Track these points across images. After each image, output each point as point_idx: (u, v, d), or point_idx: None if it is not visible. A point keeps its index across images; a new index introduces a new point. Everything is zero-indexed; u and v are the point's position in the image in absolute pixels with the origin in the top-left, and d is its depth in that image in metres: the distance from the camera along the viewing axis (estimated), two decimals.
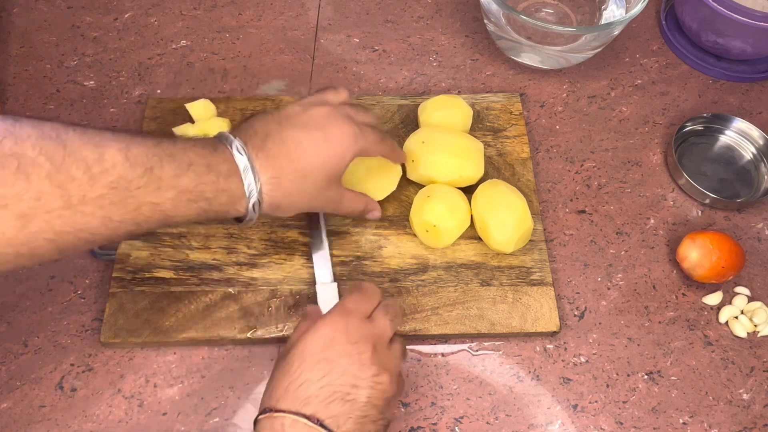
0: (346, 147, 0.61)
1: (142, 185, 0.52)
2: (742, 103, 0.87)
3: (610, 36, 0.82)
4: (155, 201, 0.53)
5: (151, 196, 0.53)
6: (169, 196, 0.53)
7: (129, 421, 0.63)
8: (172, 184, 0.53)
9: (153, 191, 0.53)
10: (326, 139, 0.60)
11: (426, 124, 0.77)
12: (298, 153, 0.59)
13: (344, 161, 0.61)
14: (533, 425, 0.64)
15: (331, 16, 0.92)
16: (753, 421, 0.65)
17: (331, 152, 0.60)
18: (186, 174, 0.54)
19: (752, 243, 0.76)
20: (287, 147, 0.59)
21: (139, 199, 0.52)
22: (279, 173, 0.58)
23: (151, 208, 0.53)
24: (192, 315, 0.67)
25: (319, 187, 0.61)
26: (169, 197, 0.53)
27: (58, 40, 0.88)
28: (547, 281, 0.70)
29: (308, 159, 0.59)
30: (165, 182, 0.53)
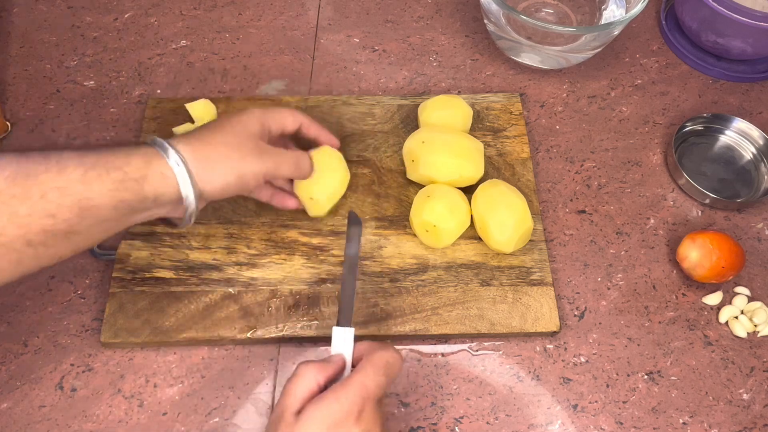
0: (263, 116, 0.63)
1: (42, 171, 0.51)
2: (742, 103, 0.87)
3: (610, 36, 0.82)
4: (61, 185, 0.51)
5: (56, 180, 0.51)
6: (75, 176, 0.51)
7: (129, 421, 0.63)
8: (76, 162, 0.52)
9: (56, 174, 0.51)
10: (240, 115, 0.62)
11: (426, 124, 0.77)
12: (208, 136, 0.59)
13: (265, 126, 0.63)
14: (533, 425, 0.64)
15: (331, 16, 0.92)
16: (753, 421, 0.65)
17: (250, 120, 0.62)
18: (90, 153, 0.53)
19: (752, 243, 0.76)
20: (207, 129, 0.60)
21: (43, 185, 0.50)
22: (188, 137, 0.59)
23: (58, 193, 0.51)
24: (192, 315, 0.67)
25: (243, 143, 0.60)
26: (75, 177, 0.51)
27: (58, 40, 0.88)
28: (547, 281, 0.70)
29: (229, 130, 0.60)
30: (66, 162, 0.52)
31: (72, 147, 0.55)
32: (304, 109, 0.80)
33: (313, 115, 0.80)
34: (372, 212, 0.74)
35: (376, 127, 0.80)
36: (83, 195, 0.52)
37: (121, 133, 0.80)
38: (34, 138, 0.79)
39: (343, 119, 0.80)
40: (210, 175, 0.58)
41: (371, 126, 0.80)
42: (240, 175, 0.60)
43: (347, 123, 0.80)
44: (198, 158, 0.57)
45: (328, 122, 0.80)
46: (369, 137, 0.79)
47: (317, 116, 0.80)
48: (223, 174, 0.59)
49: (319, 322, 0.67)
